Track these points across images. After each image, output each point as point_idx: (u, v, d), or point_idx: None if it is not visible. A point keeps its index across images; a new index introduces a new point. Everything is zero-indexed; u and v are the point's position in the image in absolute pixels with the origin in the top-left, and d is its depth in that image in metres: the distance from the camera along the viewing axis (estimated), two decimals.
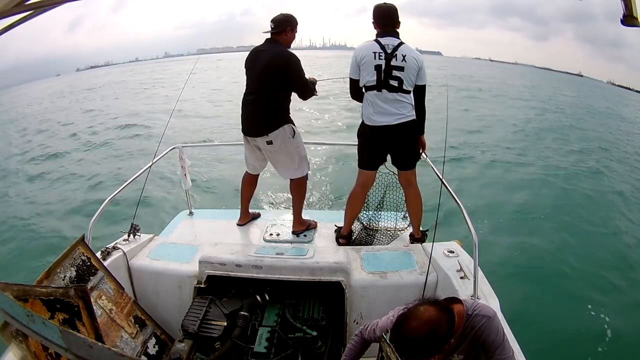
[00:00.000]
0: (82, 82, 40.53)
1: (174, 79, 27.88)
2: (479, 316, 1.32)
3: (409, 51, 2.20)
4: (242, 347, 1.80)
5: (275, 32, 2.41)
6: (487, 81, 31.79)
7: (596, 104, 22.25)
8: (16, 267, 4.52)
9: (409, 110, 2.26)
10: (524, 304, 3.47)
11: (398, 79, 2.20)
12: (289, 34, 2.43)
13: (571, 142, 10.60)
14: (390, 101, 2.23)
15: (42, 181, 7.81)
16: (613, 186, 7.12)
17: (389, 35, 2.24)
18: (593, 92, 35.34)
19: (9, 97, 32.53)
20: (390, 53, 2.19)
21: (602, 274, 4.11)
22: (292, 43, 2.48)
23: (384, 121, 2.26)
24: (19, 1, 0.62)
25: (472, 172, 7.33)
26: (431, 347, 1.18)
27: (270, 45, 2.42)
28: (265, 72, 2.35)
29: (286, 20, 2.41)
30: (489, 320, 1.32)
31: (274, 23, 2.40)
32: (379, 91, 2.24)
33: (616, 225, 5.35)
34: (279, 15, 2.44)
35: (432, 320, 1.18)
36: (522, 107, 17.21)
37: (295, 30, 2.46)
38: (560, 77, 76.45)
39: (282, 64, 2.32)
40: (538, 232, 4.97)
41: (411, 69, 2.20)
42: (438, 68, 43.52)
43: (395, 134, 2.27)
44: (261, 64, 2.36)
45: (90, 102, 21.12)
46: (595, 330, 3.27)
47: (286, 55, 2.36)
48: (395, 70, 2.19)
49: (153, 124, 12.15)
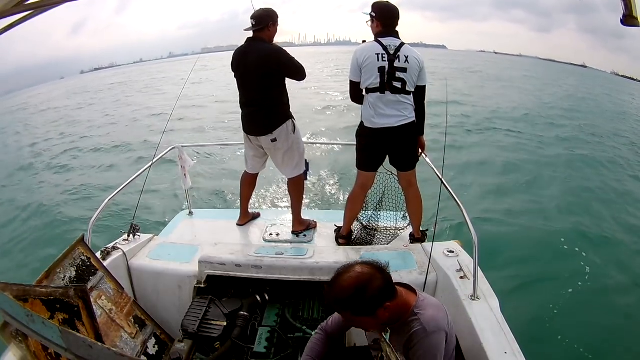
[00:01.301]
0: (101, 81, 40.56)
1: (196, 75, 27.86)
2: (418, 321, 1.19)
3: (410, 52, 2.19)
4: (242, 347, 1.81)
5: (258, 29, 2.32)
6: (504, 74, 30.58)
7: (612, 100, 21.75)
8: (16, 267, 4.53)
9: (410, 111, 2.25)
10: (523, 304, 3.47)
11: (401, 81, 2.18)
12: (271, 29, 2.36)
13: (578, 136, 10.53)
14: (393, 103, 2.21)
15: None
16: (620, 183, 7.06)
17: (390, 35, 2.20)
18: (597, 83, 34.68)
19: (19, 100, 32.52)
20: (393, 54, 2.16)
21: (603, 274, 4.11)
22: (274, 37, 2.40)
23: (385, 123, 2.23)
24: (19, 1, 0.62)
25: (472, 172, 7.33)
26: (360, 302, 1.15)
27: (254, 44, 2.34)
28: (258, 74, 2.30)
29: (267, 15, 2.32)
30: (425, 334, 1.17)
31: (255, 19, 2.31)
32: (382, 93, 2.20)
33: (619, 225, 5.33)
34: (258, 10, 2.33)
35: (364, 274, 1.17)
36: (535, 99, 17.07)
37: (277, 24, 2.38)
38: (565, 68, 75.95)
39: (275, 64, 2.29)
40: (538, 232, 4.97)
41: (413, 70, 2.18)
42: (444, 62, 43.13)
43: (396, 136, 2.26)
44: (251, 66, 2.30)
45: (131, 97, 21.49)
46: (595, 330, 3.27)
47: (275, 53, 2.30)
48: (398, 72, 2.17)
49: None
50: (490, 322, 1.51)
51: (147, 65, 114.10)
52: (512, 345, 1.39)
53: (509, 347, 1.38)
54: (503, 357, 1.34)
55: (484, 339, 1.42)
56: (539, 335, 3.15)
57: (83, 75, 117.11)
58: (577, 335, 3.23)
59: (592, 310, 3.51)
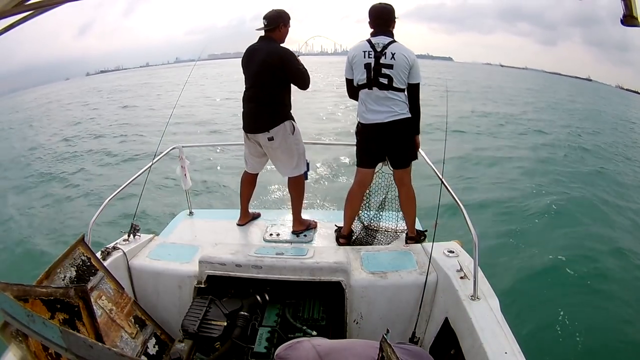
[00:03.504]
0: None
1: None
2: None
3: (399, 49, 2.21)
4: (242, 347, 1.80)
5: (269, 29, 2.39)
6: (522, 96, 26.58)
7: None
8: (16, 267, 4.53)
9: (401, 108, 2.26)
10: (524, 304, 3.47)
11: (387, 77, 2.21)
12: (282, 30, 2.42)
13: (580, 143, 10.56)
14: (381, 99, 2.25)
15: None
16: (620, 186, 7.08)
17: (381, 34, 2.26)
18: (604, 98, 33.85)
19: (20, 100, 32.52)
20: (379, 51, 2.21)
21: (603, 274, 4.11)
22: (285, 38, 2.45)
23: (375, 119, 2.28)
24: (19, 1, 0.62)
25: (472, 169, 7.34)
26: None
27: (264, 43, 2.41)
28: (262, 71, 2.35)
29: (279, 15, 2.39)
30: None
31: (267, 20, 2.38)
32: (369, 89, 2.26)
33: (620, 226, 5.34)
34: (271, 11, 2.41)
35: None
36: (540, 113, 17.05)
37: (288, 25, 2.44)
38: (571, 81, 75.69)
39: (278, 61, 2.32)
40: (539, 232, 4.98)
41: (401, 67, 2.20)
42: (450, 73, 42.35)
43: (387, 132, 2.28)
44: (257, 63, 2.36)
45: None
46: (595, 330, 3.27)
47: (280, 51, 2.36)
48: (384, 68, 2.20)
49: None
50: (490, 322, 1.51)
51: (153, 69, 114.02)
52: (512, 345, 1.39)
53: (509, 347, 1.38)
54: (503, 357, 1.34)
55: (484, 339, 1.42)
56: (539, 335, 3.15)
57: (89, 77, 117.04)
58: (577, 335, 3.23)
59: (593, 310, 3.51)
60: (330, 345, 1.27)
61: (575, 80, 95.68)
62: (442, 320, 1.80)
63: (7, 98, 39.81)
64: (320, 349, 1.21)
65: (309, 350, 1.21)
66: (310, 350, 1.21)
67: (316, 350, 1.20)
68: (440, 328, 1.81)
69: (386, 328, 1.27)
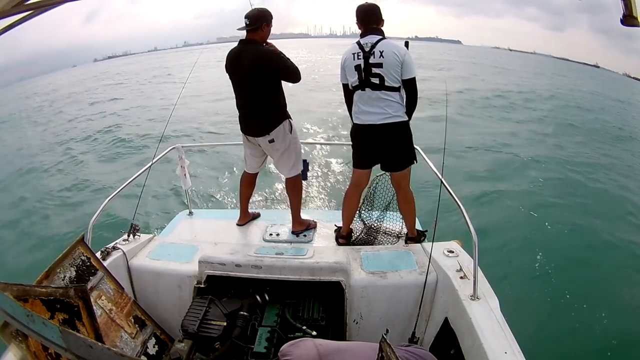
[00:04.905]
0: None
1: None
2: None
3: (388, 46, 2.16)
4: (242, 347, 1.81)
5: (251, 29, 2.31)
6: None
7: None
8: (16, 267, 4.53)
9: (395, 109, 2.22)
10: (524, 304, 3.47)
11: (379, 76, 2.18)
12: (265, 30, 2.34)
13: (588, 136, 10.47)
14: (373, 100, 2.22)
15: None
16: (625, 184, 7.05)
17: (370, 33, 2.23)
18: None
19: (25, 88, 32.30)
20: (368, 51, 2.18)
21: (604, 273, 4.11)
22: (268, 37, 2.38)
23: (367, 120, 2.26)
24: (18, 1, 0.62)
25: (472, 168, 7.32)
26: None
27: (248, 47, 2.31)
28: (251, 76, 2.29)
29: (262, 15, 2.31)
30: None
31: (249, 19, 2.28)
32: (362, 90, 2.24)
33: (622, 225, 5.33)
34: (253, 10, 2.31)
35: None
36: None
37: (270, 25, 2.36)
38: (579, 68, 74.88)
39: (269, 66, 2.27)
40: (539, 232, 4.97)
41: (391, 64, 2.15)
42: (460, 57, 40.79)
43: (381, 134, 2.25)
44: (245, 69, 2.29)
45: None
46: (596, 330, 3.28)
47: (268, 55, 2.29)
48: (374, 68, 2.17)
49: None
50: (490, 322, 1.51)
51: (161, 53, 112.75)
52: (512, 345, 1.39)
53: (509, 347, 1.38)
54: (503, 357, 1.34)
55: (484, 339, 1.42)
56: (539, 335, 3.15)
57: (96, 63, 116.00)
58: (578, 335, 3.23)
59: (594, 310, 3.51)
60: (333, 346, 1.29)
61: (583, 66, 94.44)
62: (441, 320, 1.81)
63: (11, 88, 39.65)
64: (321, 349, 1.23)
65: (310, 349, 1.24)
66: (312, 349, 1.24)
67: (317, 350, 1.23)
68: (440, 328, 1.81)
69: (386, 328, 1.27)
